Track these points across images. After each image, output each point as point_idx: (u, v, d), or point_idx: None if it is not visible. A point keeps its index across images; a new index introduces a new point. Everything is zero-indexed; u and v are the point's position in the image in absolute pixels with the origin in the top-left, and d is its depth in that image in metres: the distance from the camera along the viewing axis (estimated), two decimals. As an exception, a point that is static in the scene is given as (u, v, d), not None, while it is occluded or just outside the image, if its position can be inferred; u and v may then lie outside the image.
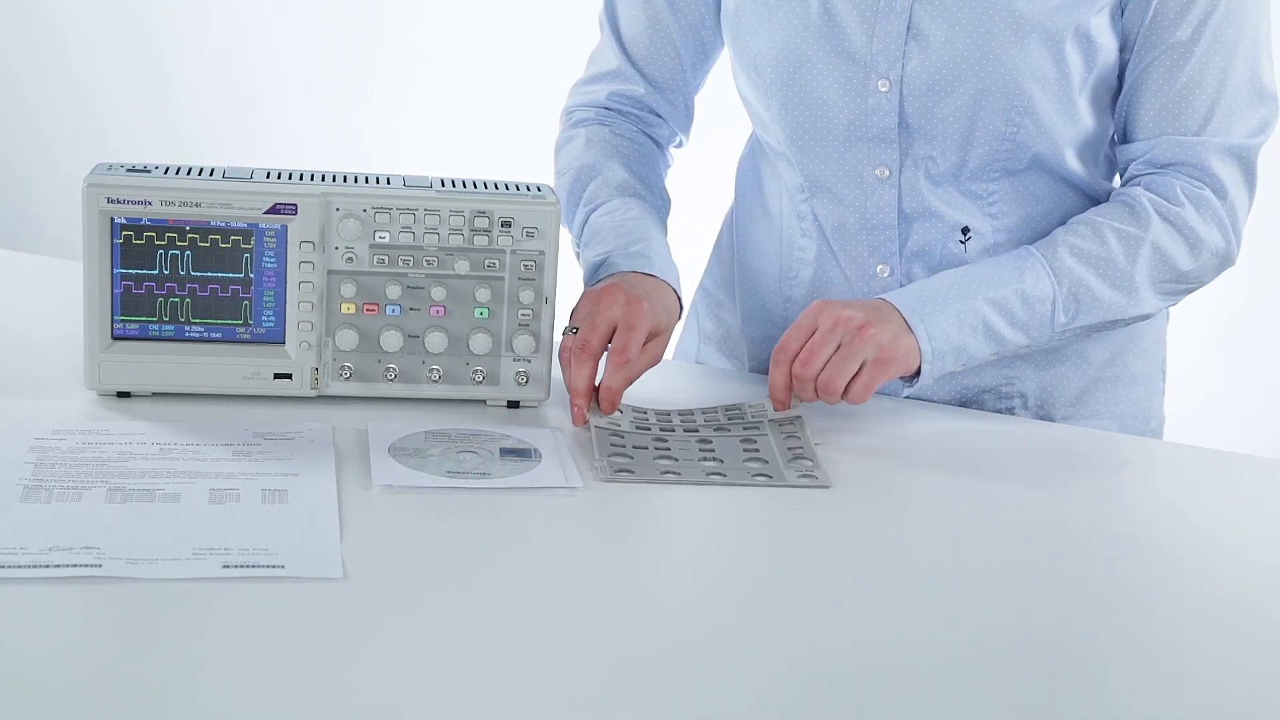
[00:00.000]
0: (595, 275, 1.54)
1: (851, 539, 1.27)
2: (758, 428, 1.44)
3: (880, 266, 1.59)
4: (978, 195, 1.56)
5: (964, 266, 1.53)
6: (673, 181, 1.72)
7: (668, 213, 1.67)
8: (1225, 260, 1.56)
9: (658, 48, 1.67)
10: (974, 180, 1.55)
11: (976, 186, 1.56)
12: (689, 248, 1.84)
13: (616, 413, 1.44)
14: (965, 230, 1.57)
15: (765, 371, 1.68)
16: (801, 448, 1.40)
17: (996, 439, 1.53)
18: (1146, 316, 1.55)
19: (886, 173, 1.56)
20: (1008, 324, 1.49)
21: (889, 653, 1.09)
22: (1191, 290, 1.56)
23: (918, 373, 1.47)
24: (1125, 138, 1.57)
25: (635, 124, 1.70)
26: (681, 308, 1.54)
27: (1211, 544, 1.32)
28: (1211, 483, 1.47)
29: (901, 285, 1.59)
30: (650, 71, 1.68)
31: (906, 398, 1.59)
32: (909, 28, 1.51)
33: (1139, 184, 1.54)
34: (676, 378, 1.64)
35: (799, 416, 1.45)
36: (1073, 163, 1.56)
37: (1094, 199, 1.60)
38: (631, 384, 1.44)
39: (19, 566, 1.10)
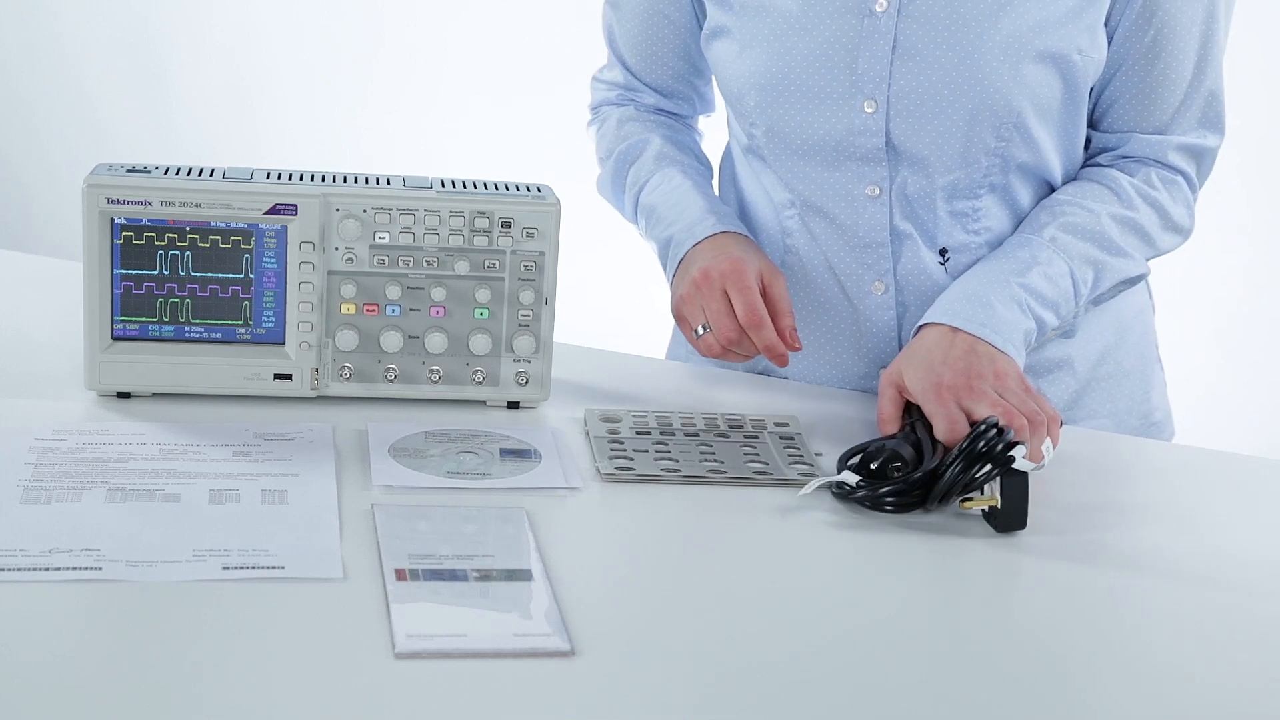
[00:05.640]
0: (666, 255, 1.59)
1: (852, 538, 1.27)
2: (757, 436, 1.44)
3: (876, 283, 1.59)
4: (963, 214, 1.56)
5: (978, 264, 1.53)
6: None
7: (710, 175, 1.71)
8: (1186, 237, 1.63)
9: (660, 68, 1.71)
10: (960, 199, 1.56)
11: (962, 205, 1.56)
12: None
13: (617, 416, 1.44)
14: (944, 252, 1.58)
15: (763, 373, 1.68)
16: (802, 455, 1.40)
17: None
18: (1143, 277, 1.59)
19: (877, 191, 1.56)
20: (1040, 305, 1.49)
21: (890, 652, 1.09)
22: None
23: None
24: (1092, 124, 1.60)
25: (657, 109, 1.75)
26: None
27: (1210, 545, 1.32)
28: (1211, 483, 1.47)
29: (896, 302, 1.59)
30: (659, 86, 1.73)
31: None
32: (894, 48, 1.51)
33: (1114, 167, 1.58)
34: (679, 380, 1.64)
35: (799, 433, 1.45)
36: (1057, 166, 1.57)
37: None
38: (787, 326, 1.49)
39: (19, 569, 1.10)
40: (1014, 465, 1.26)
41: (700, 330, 1.49)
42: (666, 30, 1.68)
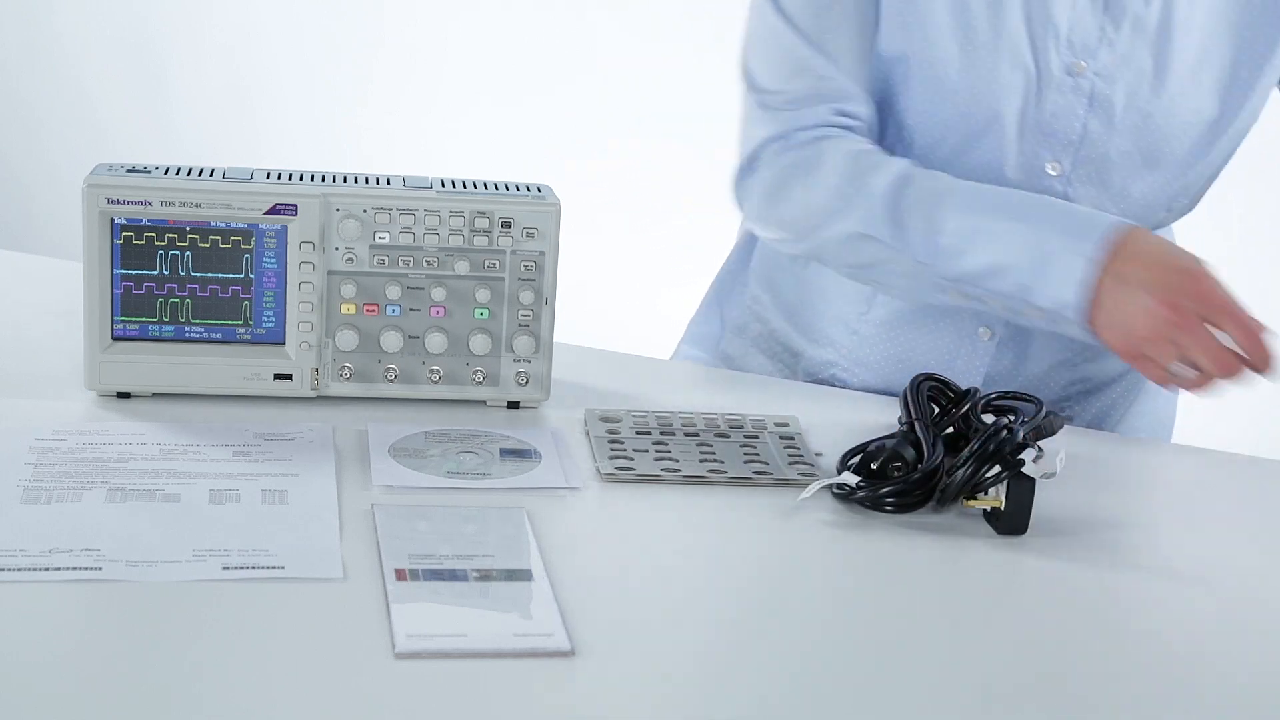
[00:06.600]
0: (1045, 273, 1.39)
1: (853, 539, 1.27)
2: (757, 436, 1.44)
3: (982, 330, 1.56)
4: None
5: None
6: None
7: None
8: None
9: (837, 38, 1.49)
10: None
11: None
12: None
13: (617, 416, 1.44)
14: None
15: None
16: (802, 455, 1.40)
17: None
18: None
19: None
20: None
21: (891, 653, 1.09)
22: None
23: None
24: None
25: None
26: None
27: (1212, 544, 1.32)
28: (1212, 483, 1.47)
29: (998, 351, 1.55)
30: (838, 59, 1.49)
31: None
32: (1089, 108, 1.46)
33: None
34: (678, 380, 1.64)
35: (799, 433, 1.45)
36: (1167, 218, 1.57)
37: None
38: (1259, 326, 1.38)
39: (19, 569, 1.10)
40: (1023, 470, 1.27)
41: (1180, 368, 1.37)
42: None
